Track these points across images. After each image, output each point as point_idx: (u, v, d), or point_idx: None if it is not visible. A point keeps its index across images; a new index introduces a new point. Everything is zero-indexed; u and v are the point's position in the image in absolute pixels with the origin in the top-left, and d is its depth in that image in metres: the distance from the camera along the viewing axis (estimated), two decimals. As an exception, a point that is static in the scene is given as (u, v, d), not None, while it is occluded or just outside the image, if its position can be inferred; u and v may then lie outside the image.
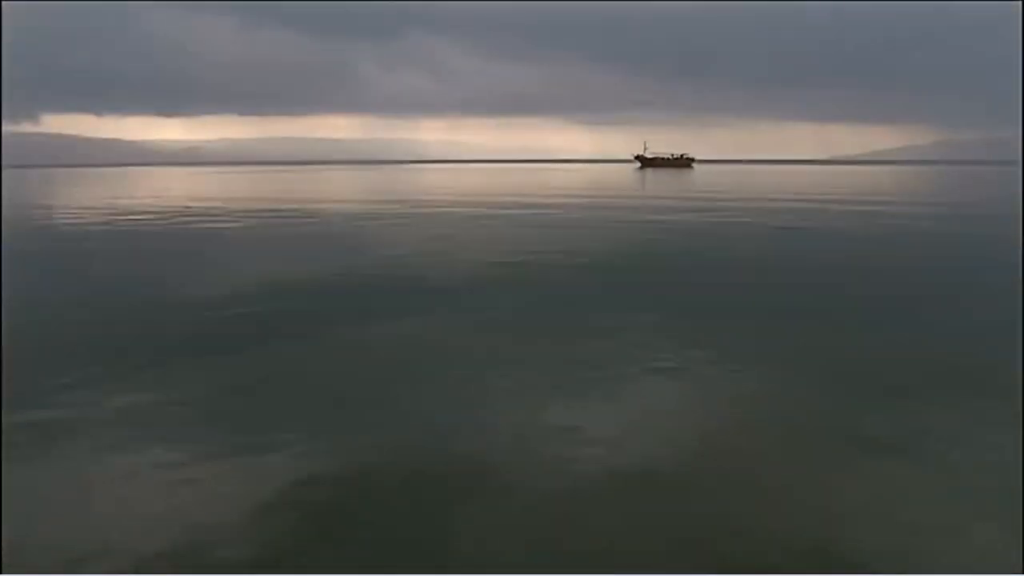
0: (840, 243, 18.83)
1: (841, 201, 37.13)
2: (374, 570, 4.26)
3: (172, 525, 4.71)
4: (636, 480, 5.32)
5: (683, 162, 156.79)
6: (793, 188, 54.89)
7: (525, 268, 14.54)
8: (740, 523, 4.70)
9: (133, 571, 4.24)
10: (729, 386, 7.31)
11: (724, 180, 75.79)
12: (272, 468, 5.55)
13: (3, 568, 4.23)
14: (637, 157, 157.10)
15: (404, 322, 10.17)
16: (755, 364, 8.01)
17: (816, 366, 7.96)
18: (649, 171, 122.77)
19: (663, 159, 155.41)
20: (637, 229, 22.64)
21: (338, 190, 59.58)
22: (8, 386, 7.50)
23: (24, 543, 4.54)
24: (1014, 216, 27.49)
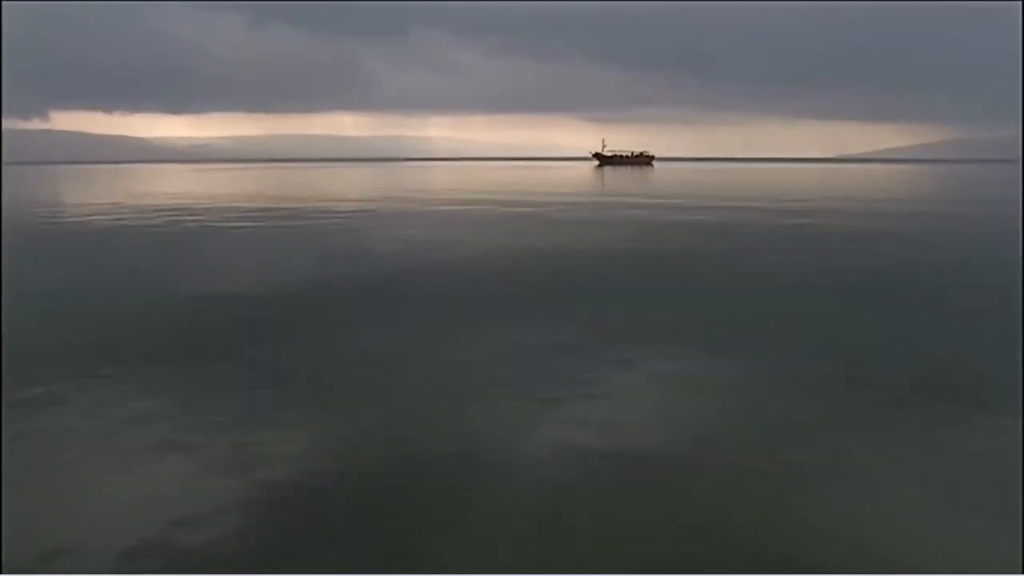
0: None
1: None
2: (369, 567, 4.14)
3: (153, 515, 4.76)
4: (627, 469, 5.37)
5: (643, 160, 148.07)
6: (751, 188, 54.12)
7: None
8: (735, 523, 4.64)
9: (131, 567, 4.17)
10: (718, 390, 7.22)
11: (679, 179, 74.25)
12: (267, 462, 5.52)
13: (3, 568, 4.17)
14: (595, 155, 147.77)
15: (401, 319, 10.31)
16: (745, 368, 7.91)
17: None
18: (607, 169, 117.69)
19: (622, 157, 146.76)
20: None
21: (343, 188, 57.45)
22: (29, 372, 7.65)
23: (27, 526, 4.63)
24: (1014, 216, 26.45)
